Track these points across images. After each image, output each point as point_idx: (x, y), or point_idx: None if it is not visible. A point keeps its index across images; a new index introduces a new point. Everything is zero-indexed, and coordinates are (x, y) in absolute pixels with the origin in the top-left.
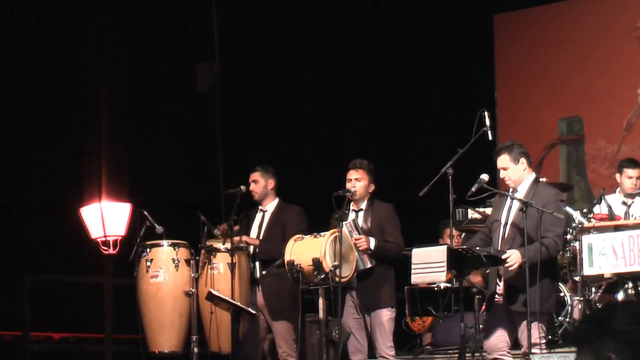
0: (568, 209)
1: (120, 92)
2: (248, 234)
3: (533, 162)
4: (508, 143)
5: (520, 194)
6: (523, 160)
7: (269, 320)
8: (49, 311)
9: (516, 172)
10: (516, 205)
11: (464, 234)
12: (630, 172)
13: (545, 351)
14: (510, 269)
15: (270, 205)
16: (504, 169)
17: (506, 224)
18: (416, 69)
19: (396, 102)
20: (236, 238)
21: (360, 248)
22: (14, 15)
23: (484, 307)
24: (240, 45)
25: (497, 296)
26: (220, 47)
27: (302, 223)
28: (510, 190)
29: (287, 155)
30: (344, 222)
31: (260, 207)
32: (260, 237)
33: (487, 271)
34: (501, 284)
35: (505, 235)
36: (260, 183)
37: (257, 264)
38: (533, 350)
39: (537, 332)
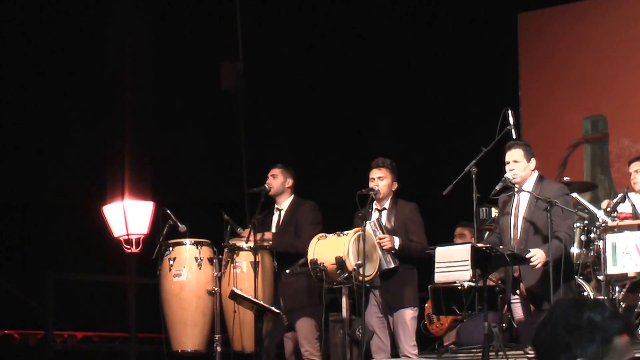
0: (591, 207)
1: (144, 89)
2: None
3: (557, 161)
4: (522, 141)
5: (528, 191)
6: (534, 160)
7: (291, 320)
8: (72, 310)
9: (525, 169)
10: (524, 202)
11: (487, 233)
12: (633, 165)
13: None
14: (535, 268)
15: (286, 203)
16: (515, 161)
17: (516, 222)
18: (440, 68)
19: (420, 100)
20: (259, 235)
21: (384, 247)
22: (35, 12)
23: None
24: (265, 43)
25: (513, 296)
26: (245, 46)
27: (315, 217)
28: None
29: (310, 153)
30: (367, 222)
31: (276, 206)
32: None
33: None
34: (519, 285)
35: (518, 234)
36: (278, 179)
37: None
38: None
39: None
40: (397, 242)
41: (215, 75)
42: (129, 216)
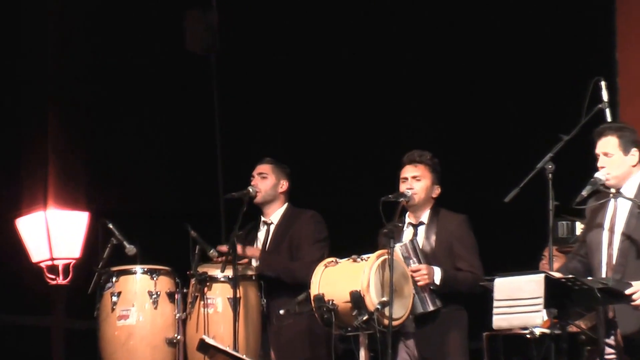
0: None
1: (77, 51)
2: None
3: None
4: (619, 124)
5: (627, 196)
6: (635, 151)
7: None
8: None
9: (621, 165)
10: (624, 213)
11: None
12: None
13: None
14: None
15: (276, 215)
16: (606, 155)
17: (611, 241)
18: (497, 24)
19: (467, 70)
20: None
21: (419, 284)
22: None
23: None
24: None
25: (608, 349)
26: None
27: (319, 233)
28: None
29: (311, 142)
30: (397, 243)
31: (263, 219)
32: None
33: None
34: (615, 331)
35: (614, 257)
36: (269, 180)
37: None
38: None
39: None
40: (437, 275)
41: (177, 30)
42: (53, 232)
